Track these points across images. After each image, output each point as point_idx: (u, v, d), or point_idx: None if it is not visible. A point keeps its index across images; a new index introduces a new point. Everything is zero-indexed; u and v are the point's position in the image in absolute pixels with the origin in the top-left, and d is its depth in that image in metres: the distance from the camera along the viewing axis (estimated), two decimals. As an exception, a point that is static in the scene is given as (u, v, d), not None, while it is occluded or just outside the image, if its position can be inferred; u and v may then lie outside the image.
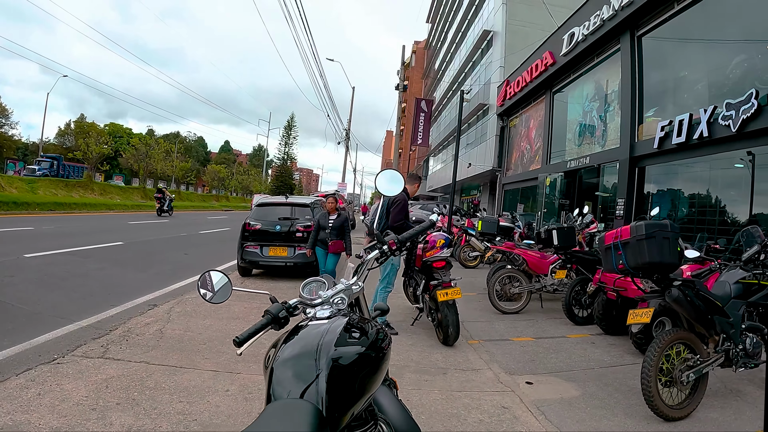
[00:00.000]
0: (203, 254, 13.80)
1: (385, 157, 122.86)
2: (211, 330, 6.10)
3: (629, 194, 11.84)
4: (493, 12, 28.95)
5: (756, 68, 8.63)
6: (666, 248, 4.35)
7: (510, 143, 24.07)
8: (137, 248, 13.80)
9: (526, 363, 5.54)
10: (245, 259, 10.01)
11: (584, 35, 14.42)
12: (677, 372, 4.14)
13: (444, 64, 48.90)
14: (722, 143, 9.00)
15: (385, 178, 4.13)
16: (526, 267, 8.33)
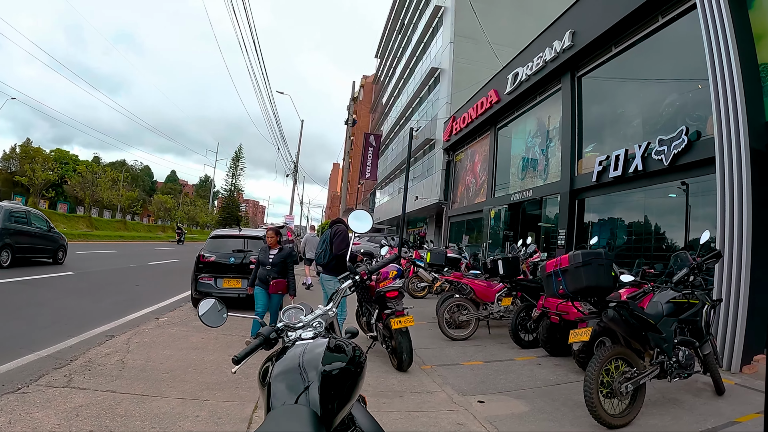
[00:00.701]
0: (155, 285, 13.55)
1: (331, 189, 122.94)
2: (173, 360, 6.11)
3: (570, 224, 12.34)
4: (441, 50, 29.96)
5: (687, 106, 9.29)
6: (601, 273, 4.78)
7: (456, 177, 24.62)
8: (90, 278, 13.61)
9: (477, 384, 5.80)
10: (199, 291, 9.97)
11: (528, 75, 15.05)
12: (616, 384, 4.47)
13: (391, 99, 49.93)
14: (656, 176, 9.58)
15: (356, 217, 4.62)
16: (473, 296, 8.77)
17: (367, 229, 5.27)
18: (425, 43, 35.31)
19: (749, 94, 7.07)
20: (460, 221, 23.59)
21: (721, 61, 7.34)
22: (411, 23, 40.66)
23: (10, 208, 14.78)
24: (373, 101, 72.08)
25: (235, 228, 12.39)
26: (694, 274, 5.37)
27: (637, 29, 10.45)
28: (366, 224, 4.92)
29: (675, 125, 9.17)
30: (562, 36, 12.80)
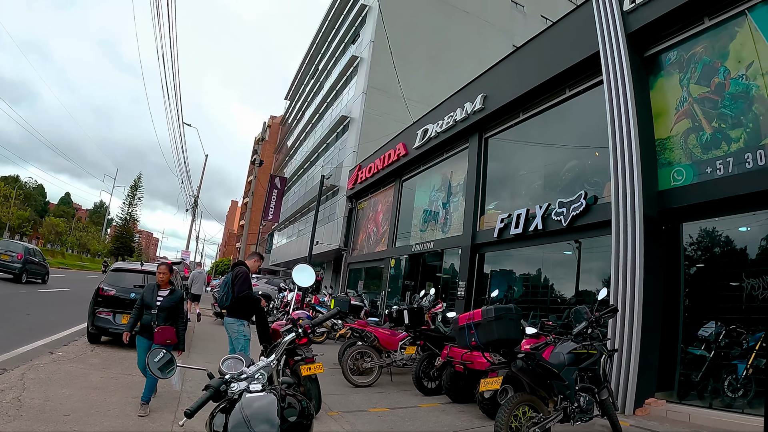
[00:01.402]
0: (46, 315, 12.47)
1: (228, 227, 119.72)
2: (73, 400, 5.61)
3: (470, 277, 12.68)
4: (353, 99, 30.47)
5: (586, 172, 10.04)
6: (511, 327, 5.14)
7: (357, 224, 24.77)
8: None
9: (386, 431, 5.81)
10: (96, 326, 9.35)
11: (437, 132, 15.56)
12: (525, 428, 4.70)
13: (298, 142, 49.87)
14: (554, 235, 10.18)
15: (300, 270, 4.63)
16: (377, 343, 8.87)
17: (310, 283, 5.29)
18: (338, 91, 35.84)
19: (645, 165, 7.79)
20: (359, 268, 23.64)
21: (621, 134, 8.06)
22: (325, 69, 41.20)
23: (27, 246, 21.91)
24: (278, 142, 71.76)
25: (135, 262, 11.74)
26: (593, 327, 5.75)
27: (545, 99, 11.25)
28: (309, 278, 4.96)
29: (574, 189, 9.86)
30: (474, 98, 13.44)
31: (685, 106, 7.92)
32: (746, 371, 6.49)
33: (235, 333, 6.70)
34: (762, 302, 6.52)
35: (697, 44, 7.94)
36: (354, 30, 34.62)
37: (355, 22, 34.22)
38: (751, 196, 6.68)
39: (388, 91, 27.13)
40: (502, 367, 5.25)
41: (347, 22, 35.82)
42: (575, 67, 9.95)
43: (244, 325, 6.75)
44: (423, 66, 29.00)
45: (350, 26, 35.16)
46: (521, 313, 5.53)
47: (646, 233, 7.49)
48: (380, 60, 27.72)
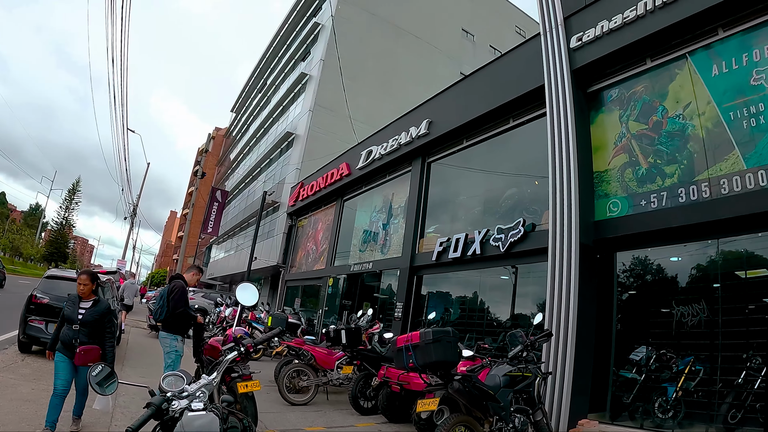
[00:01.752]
0: None
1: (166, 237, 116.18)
2: (3, 412, 5.30)
3: (408, 298, 12.65)
4: (299, 117, 30.28)
5: (525, 200, 10.26)
6: (449, 350, 5.23)
7: (296, 242, 24.50)
8: None
9: None
10: (28, 335, 8.88)
11: (381, 154, 15.61)
12: None
13: (241, 156, 49.09)
14: (492, 260, 10.30)
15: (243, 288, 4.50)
16: (313, 362, 8.84)
17: (254, 302, 5.11)
18: (284, 107, 35.57)
19: (582, 196, 8.04)
20: (297, 286, 23.30)
21: (561, 165, 8.30)
22: (274, 84, 40.87)
23: None
24: (222, 155, 70.50)
25: (70, 269, 11.15)
26: (528, 350, 5.92)
27: (489, 127, 11.47)
28: (252, 296, 4.81)
29: (513, 216, 10.06)
30: (420, 123, 13.56)
31: (624, 141, 8.26)
32: (676, 393, 6.69)
33: (167, 348, 6.55)
34: (691, 328, 6.79)
35: (638, 83, 8.32)
36: (305, 47, 34.56)
37: (307, 40, 34.18)
38: (683, 228, 7.00)
39: (334, 110, 27.08)
40: (439, 388, 5.32)
41: (299, 39, 35.72)
42: (520, 98, 10.20)
43: (178, 341, 6.58)
44: (370, 87, 29.19)
45: (302, 43, 35.08)
46: (458, 335, 5.70)
47: (581, 261, 7.68)
48: (329, 79, 27.72)
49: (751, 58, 6.69)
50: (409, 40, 32.90)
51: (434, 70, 31.92)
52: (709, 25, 7.24)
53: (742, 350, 6.24)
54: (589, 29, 8.65)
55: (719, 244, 6.83)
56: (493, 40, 36.53)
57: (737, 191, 6.50)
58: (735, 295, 6.57)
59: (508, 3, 40.31)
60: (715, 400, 6.35)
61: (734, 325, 6.40)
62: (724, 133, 6.84)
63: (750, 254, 6.60)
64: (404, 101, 23.02)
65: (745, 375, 6.09)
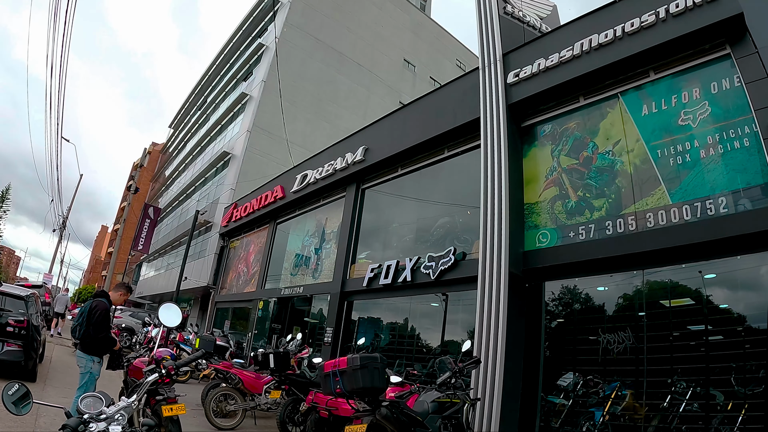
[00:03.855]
0: None
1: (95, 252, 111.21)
2: None
3: (338, 323, 12.31)
4: (237, 137, 29.68)
5: (456, 229, 10.23)
6: (376, 376, 5.08)
7: (228, 263, 23.78)
8: None
9: None
10: None
11: (316, 178, 15.34)
12: None
13: (176, 173, 47.61)
14: (422, 287, 10.16)
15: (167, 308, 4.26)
16: (241, 386, 8.65)
17: (177, 323, 4.82)
18: (223, 126, 34.80)
19: (513, 227, 8.04)
20: (227, 307, 22.54)
21: (493, 196, 8.27)
22: (214, 103, 39.99)
23: None
24: (156, 170, 68.28)
25: None
26: (456, 377, 5.96)
27: (424, 156, 11.45)
28: (176, 318, 4.59)
29: (444, 244, 9.98)
30: (356, 150, 13.39)
31: (555, 174, 8.40)
32: (603, 418, 6.76)
33: (82, 368, 6.11)
34: (617, 355, 6.89)
35: (570, 120, 8.52)
36: (248, 67, 34.08)
37: (251, 60, 33.75)
38: (610, 259, 7.13)
39: (272, 132, 26.70)
40: (367, 414, 5.18)
41: (243, 59, 35.23)
42: (456, 129, 10.24)
43: (94, 362, 6.14)
44: (309, 112, 29.01)
45: (245, 63, 34.60)
46: (386, 362, 5.47)
47: (511, 289, 7.64)
48: (268, 100, 27.37)
49: (680, 99, 7.01)
50: (351, 67, 33.04)
51: (373, 98, 32.13)
52: (642, 68, 7.51)
53: (667, 375, 6.37)
54: (526, 66, 8.81)
55: (644, 275, 6.99)
56: (434, 72, 37.17)
57: (662, 224, 6.69)
58: (659, 323, 6.71)
59: (451, 36, 41.29)
60: (642, 424, 6.44)
61: (659, 351, 6.53)
62: (651, 170, 7.05)
63: (674, 284, 6.77)
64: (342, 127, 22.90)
65: (671, 399, 6.21)
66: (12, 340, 8.38)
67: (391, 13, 36.03)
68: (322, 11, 32.54)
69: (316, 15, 32.11)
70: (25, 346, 8.52)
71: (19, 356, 8.37)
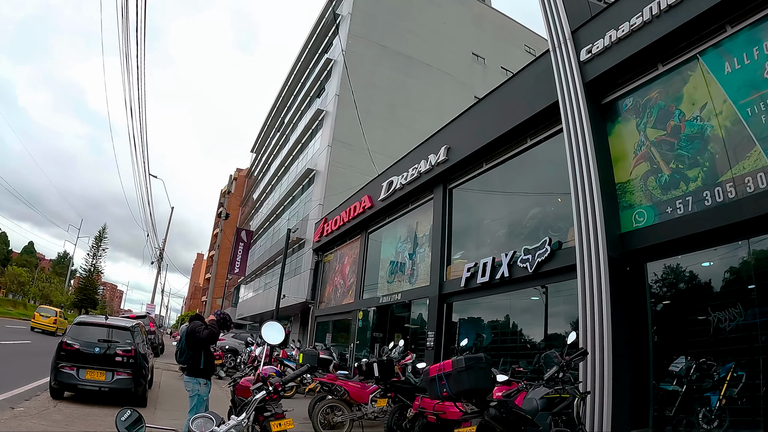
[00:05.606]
0: (5, 369, 11.96)
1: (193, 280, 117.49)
2: None
3: (438, 327, 12.58)
4: (318, 153, 30.70)
5: (549, 218, 10.23)
6: (482, 376, 5.04)
7: (324, 277, 24.64)
8: None
9: None
10: (59, 381, 9.02)
11: (402, 184, 15.74)
12: None
13: (264, 195, 49.77)
14: (521, 282, 10.24)
15: (269, 327, 4.62)
16: (347, 397, 8.85)
17: (280, 340, 5.20)
18: (303, 144, 36.16)
19: (607, 209, 7.96)
20: (327, 321, 23.39)
21: (582, 180, 8.27)
22: (291, 122, 41.60)
23: None
24: (244, 195, 71.55)
25: (99, 315, 11.55)
26: (564, 371, 5.81)
27: (507, 148, 11.53)
28: (279, 335, 4.91)
29: (539, 236, 10.02)
30: (438, 150, 13.69)
31: (643, 149, 8.21)
32: (719, 402, 6.54)
33: (190, 391, 6.59)
34: (729, 334, 6.62)
35: (651, 90, 8.30)
36: (320, 84, 35.25)
37: (321, 76, 34.90)
38: (712, 232, 6.87)
39: (351, 144, 27.51)
40: (475, 416, 5.16)
41: (313, 76, 36.47)
42: (535, 116, 10.25)
43: (200, 384, 6.60)
44: (384, 119, 29.53)
45: (316, 80, 35.83)
46: (491, 361, 5.49)
47: (611, 275, 7.57)
48: (344, 113, 28.30)
49: (762, 51, 6.59)
50: (420, 69, 33.39)
51: (446, 97, 32.20)
52: (716, 23, 7.20)
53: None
54: (597, 40, 8.69)
55: (750, 245, 6.68)
56: (504, 62, 36.73)
57: (763, 188, 6.34)
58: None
59: (515, 23, 40.61)
60: (761, 405, 6.19)
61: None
62: (743, 130, 6.73)
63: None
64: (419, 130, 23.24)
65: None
66: (121, 369, 9.30)
67: (450, 9, 35.92)
68: (382, 18, 33.16)
69: (377, 22, 32.80)
70: (134, 374, 9.44)
71: (129, 383, 9.32)
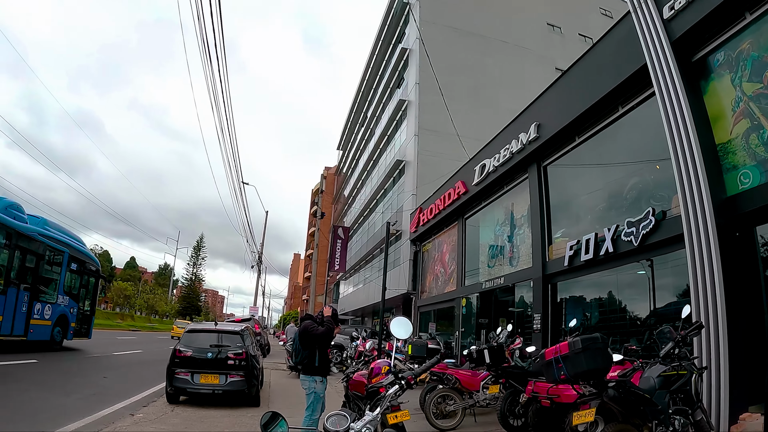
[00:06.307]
0: (123, 378, 13.14)
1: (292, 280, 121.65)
2: None
3: (544, 308, 12.60)
4: (406, 143, 31.03)
5: (649, 187, 9.96)
6: (599, 356, 5.11)
7: (424, 267, 24.99)
8: (54, 367, 13.18)
9: None
10: (175, 386, 9.89)
11: (495, 166, 15.75)
12: None
13: (355, 190, 50.82)
14: (626, 256, 10.07)
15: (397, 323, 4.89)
16: (458, 385, 8.96)
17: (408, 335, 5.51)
18: (389, 136, 36.71)
19: (710, 172, 7.69)
20: (429, 310, 23.75)
21: (681, 144, 7.99)
22: (375, 116, 42.32)
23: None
24: (335, 192, 73.30)
25: (208, 321, 12.57)
26: (679, 347, 5.75)
27: (598, 119, 11.32)
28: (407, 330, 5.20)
29: (641, 207, 9.79)
30: (528, 128, 13.63)
31: (741, 105, 7.82)
32: None
33: (307, 390, 6.90)
34: None
35: (742, 41, 7.88)
36: (398, 74, 35.60)
37: (398, 66, 35.26)
38: None
39: (438, 130, 27.63)
40: (593, 398, 5.23)
41: (390, 67, 36.90)
42: (624, 83, 10.01)
43: (316, 382, 6.90)
44: (466, 102, 29.21)
45: (394, 71, 36.25)
46: (607, 341, 5.51)
47: (721, 242, 7.31)
48: (427, 101, 28.50)
49: None
50: (496, 47, 32.88)
51: (527, 72, 31.48)
52: None
53: None
54: None
55: None
56: (581, 28, 35.37)
57: None
58: None
59: (587, -15, 39.05)
60: None
61: None
62: None
63: None
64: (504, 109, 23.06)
65: None
66: (234, 372, 9.99)
67: (516, -20, 35.16)
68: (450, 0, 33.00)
69: (446, 5, 32.61)
70: (247, 375, 10.10)
71: (242, 385, 9.99)
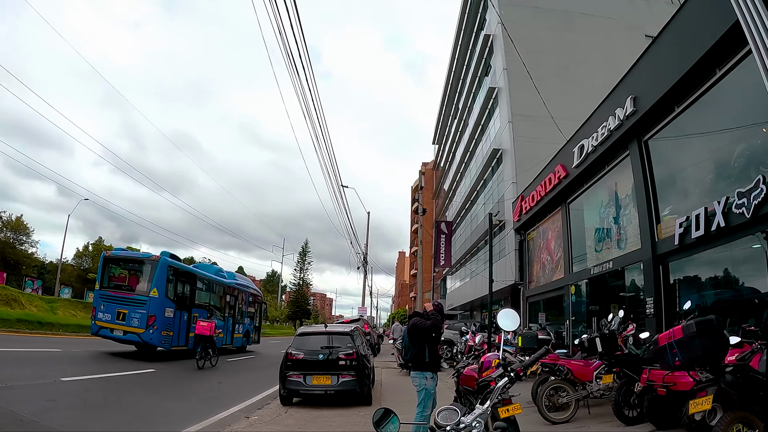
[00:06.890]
0: (237, 382, 14.03)
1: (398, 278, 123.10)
2: None
3: (657, 291, 12.12)
4: (500, 131, 30.74)
5: (757, 153, 9.37)
6: (715, 340, 4.93)
7: (530, 256, 24.64)
8: (169, 375, 14.15)
9: None
10: (288, 389, 10.46)
11: (593, 146, 15.33)
12: None
13: (454, 184, 50.80)
14: (739, 230, 9.46)
15: (504, 315, 5.01)
16: (570, 376, 8.81)
17: (515, 326, 5.60)
18: (483, 125, 36.45)
19: None
20: (538, 300, 23.47)
21: None
22: (466, 107, 42.18)
23: None
24: (435, 187, 73.47)
25: (318, 324, 13.22)
26: None
27: (696, 85, 10.73)
28: (514, 322, 5.31)
29: (750, 175, 9.18)
30: (624, 102, 13.16)
31: None
32: None
33: (417, 386, 7.08)
34: None
35: None
36: (484, 61, 35.24)
37: (484, 54, 34.90)
38: None
39: (531, 115, 27.03)
40: (710, 384, 5.08)
41: (476, 56, 36.65)
42: (717, 44, 9.42)
43: (426, 378, 7.04)
44: (556, 82, 28.26)
45: (480, 59, 35.95)
46: (723, 323, 5.30)
47: None
48: (516, 85, 28.00)
49: None
50: (580, 21, 31.60)
51: (616, 43, 29.79)
52: None
53: None
54: None
55: None
56: (667, -11, 33.25)
57: None
58: None
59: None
60: None
61: None
62: None
63: None
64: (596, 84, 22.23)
65: None
66: (345, 372, 10.42)
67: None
68: (526, -22, 32.06)
69: (523, -17, 31.73)
70: (358, 375, 10.50)
71: (354, 384, 10.39)
